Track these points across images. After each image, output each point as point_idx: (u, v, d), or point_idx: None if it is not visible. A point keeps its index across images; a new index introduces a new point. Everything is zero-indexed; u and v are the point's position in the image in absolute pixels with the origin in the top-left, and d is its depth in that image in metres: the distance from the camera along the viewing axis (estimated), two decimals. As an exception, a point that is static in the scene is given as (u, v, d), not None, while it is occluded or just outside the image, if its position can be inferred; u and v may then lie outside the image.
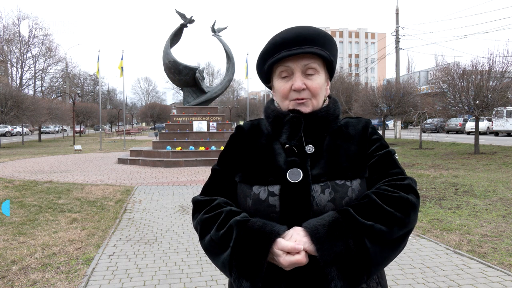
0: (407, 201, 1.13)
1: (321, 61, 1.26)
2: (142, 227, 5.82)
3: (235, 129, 1.38)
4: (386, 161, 1.24)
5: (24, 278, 3.83)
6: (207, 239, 1.19)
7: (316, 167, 1.21)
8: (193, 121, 16.07)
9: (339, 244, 1.05)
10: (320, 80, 1.25)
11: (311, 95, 1.24)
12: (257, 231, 1.09)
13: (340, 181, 1.18)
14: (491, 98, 15.00)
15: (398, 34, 29.24)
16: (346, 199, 1.17)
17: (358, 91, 30.58)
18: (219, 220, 1.17)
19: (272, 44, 1.26)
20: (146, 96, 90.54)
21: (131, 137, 38.74)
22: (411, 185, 1.19)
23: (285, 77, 1.25)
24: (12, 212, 6.61)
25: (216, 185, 1.31)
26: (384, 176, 1.22)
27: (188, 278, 3.89)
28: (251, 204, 1.21)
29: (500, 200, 7.12)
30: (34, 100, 28.18)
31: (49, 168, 13.22)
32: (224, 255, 1.14)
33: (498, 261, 4.19)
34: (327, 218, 1.09)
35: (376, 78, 67.74)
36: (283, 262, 1.06)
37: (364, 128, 1.30)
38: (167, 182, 10.09)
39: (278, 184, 1.19)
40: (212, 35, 17.19)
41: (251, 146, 1.31)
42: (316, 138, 1.25)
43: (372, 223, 1.08)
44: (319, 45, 1.25)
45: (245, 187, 1.25)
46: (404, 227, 1.12)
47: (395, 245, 1.12)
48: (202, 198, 1.28)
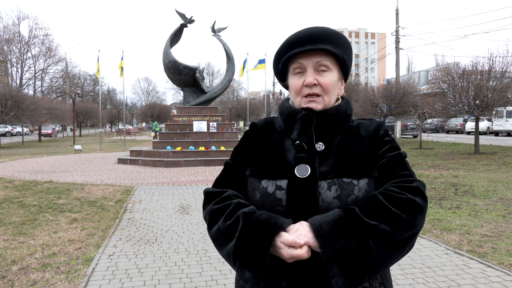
0: (413, 203, 1.13)
1: (333, 59, 1.28)
2: (142, 227, 5.82)
3: (249, 125, 1.42)
4: (396, 162, 1.25)
5: (24, 278, 3.83)
6: (214, 229, 1.22)
7: (324, 165, 1.23)
8: (193, 121, 16.08)
9: (341, 242, 1.06)
10: (331, 77, 1.27)
11: (323, 91, 1.26)
12: (261, 223, 1.12)
13: (347, 179, 1.20)
14: (491, 98, 14.99)
15: (398, 34, 29.24)
16: (352, 197, 1.18)
17: (358, 91, 30.57)
18: (227, 211, 1.20)
19: (287, 43, 1.30)
20: (146, 96, 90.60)
21: (131, 137, 38.76)
22: (419, 187, 1.18)
23: (298, 73, 1.28)
24: (12, 212, 6.61)
25: (228, 178, 1.35)
26: (392, 177, 1.22)
27: (188, 278, 3.89)
28: (259, 197, 1.24)
29: (500, 200, 7.12)
30: (34, 100, 28.19)
31: (49, 168, 13.22)
32: (229, 245, 1.16)
33: (498, 261, 4.19)
34: (332, 215, 1.10)
35: (376, 78, 67.69)
36: (284, 254, 1.08)
37: (375, 129, 1.31)
38: (167, 182, 10.09)
39: (286, 179, 1.22)
40: (212, 35, 17.19)
41: (263, 142, 1.34)
42: (327, 136, 1.27)
43: (376, 223, 1.09)
44: (331, 43, 1.28)
45: (254, 180, 1.28)
46: (410, 229, 1.12)
47: (399, 247, 1.12)
48: (213, 190, 1.32)
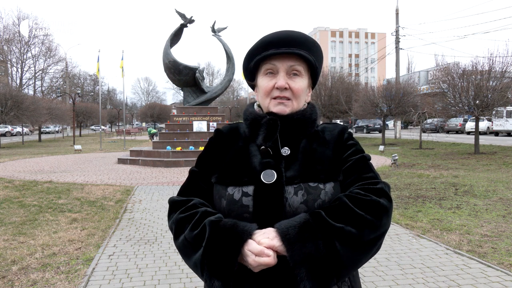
0: (378, 205, 1.14)
1: (306, 66, 1.29)
2: (142, 227, 5.82)
3: (214, 132, 1.40)
4: (360, 165, 1.25)
5: (24, 278, 3.83)
6: (181, 238, 1.19)
7: (290, 169, 1.22)
8: (193, 121, 16.08)
9: (308, 245, 1.06)
10: (302, 83, 1.27)
11: (293, 96, 1.26)
12: (228, 231, 1.10)
13: (313, 184, 1.19)
14: (491, 98, 15.00)
15: (398, 34, 29.24)
16: (319, 201, 1.17)
17: (358, 91, 30.51)
18: (193, 220, 1.18)
19: (262, 42, 1.28)
20: (146, 96, 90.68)
21: (131, 137, 38.77)
22: (383, 189, 1.19)
23: (269, 74, 1.27)
24: (12, 212, 6.61)
25: (193, 186, 1.32)
26: (357, 180, 1.22)
27: (188, 278, 3.89)
28: (225, 204, 1.21)
29: (500, 200, 7.12)
30: (34, 100, 28.17)
31: (49, 168, 13.22)
32: (196, 255, 1.14)
33: (498, 261, 4.19)
34: (298, 219, 1.10)
35: (376, 78, 67.73)
36: (251, 262, 1.06)
37: (340, 133, 1.31)
38: (167, 182, 10.09)
39: (252, 185, 1.20)
40: (212, 35, 17.19)
41: (228, 148, 1.32)
42: (292, 141, 1.26)
43: (342, 225, 1.09)
44: (306, 49, 1.28)
45: (220, 188, 1.25)
46: (376, 230, 1.12)
47: (366, 248, 1.12)
48: (178, 199, 1.29)
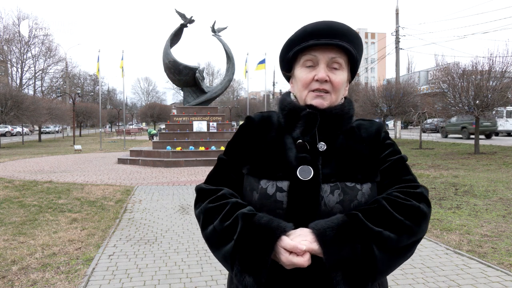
0: (418, 210, 1.11)
1: (346, 58, 1.23)
2: (142, 227, 5.82)
3: (245, 119, 1.34)
4: (399, 167, 1.21)
5: (24, 278, 3.83)
6: (209, 229, 1.15)
7: (326, 166, 1.17)
8: (193, 121, 16.07)
9: (346, 249, 1.03)
10: (343, 76, 1.22)
11: (332, 89, 1.21)
12: (263, 226, 1.06)
13: (350, 183, 1.15)
14: (491, 98, 14.98)
15: (398, 34, 29.24)
16: (355, 202, 1.14)
17: (358, 91, 30.54)
18: (224, 211, 1.14)
19: (302, 32, 1.22)
20: (146, 96, 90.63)
21: (131, 137, 38.76)
22: (423, 193, 1.16)
23: (309, 67, 1.22)
24: (12, 212, 6.61)
25: (222, 175, 1.27)
26: (396, 182, 1.19)
27: (188, 278, 3.89)
28: (258, 198, 1.17)
29: (500, 200, 7.12)
30: (34, 100, 28.15)
31: (49, 168, 13.21)
32: (226, 248, 1.10)
33: (498, 261, 4.19)
34: (335, 221, 1.06)
35: (376, 78, 67.75)
36: (284, 260, 1.03)
37: (377, 131, 1.27)
38: (167, 182, 10.09)
39: (287, 180, 1.16)
40: (212, 35, 17.19)
41: (261, 138, 1.26)
42: (329, 136, 1.22)
43: (381, 230, 1.06)
44: (348, 41, 1.22)
45: (252, 180, 1.21)
46: (413, 236, 1.10)
47: (402, 254, 1.10)
48: (206, 187, 1.24)
